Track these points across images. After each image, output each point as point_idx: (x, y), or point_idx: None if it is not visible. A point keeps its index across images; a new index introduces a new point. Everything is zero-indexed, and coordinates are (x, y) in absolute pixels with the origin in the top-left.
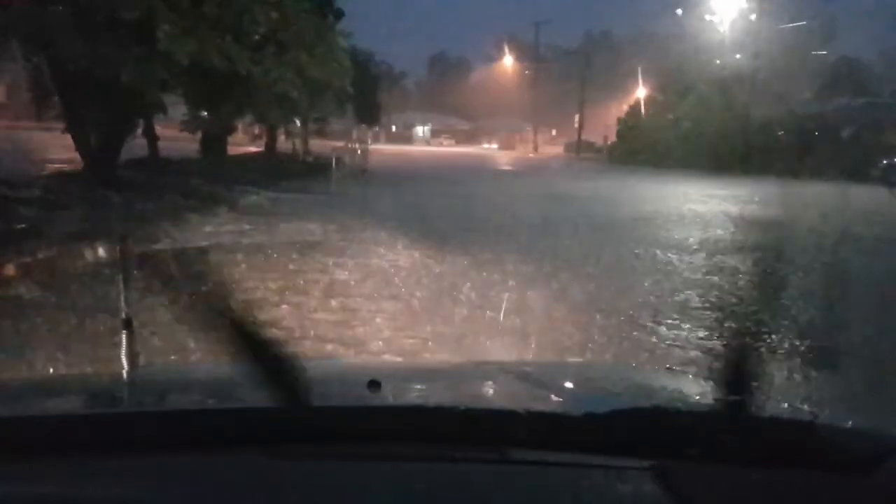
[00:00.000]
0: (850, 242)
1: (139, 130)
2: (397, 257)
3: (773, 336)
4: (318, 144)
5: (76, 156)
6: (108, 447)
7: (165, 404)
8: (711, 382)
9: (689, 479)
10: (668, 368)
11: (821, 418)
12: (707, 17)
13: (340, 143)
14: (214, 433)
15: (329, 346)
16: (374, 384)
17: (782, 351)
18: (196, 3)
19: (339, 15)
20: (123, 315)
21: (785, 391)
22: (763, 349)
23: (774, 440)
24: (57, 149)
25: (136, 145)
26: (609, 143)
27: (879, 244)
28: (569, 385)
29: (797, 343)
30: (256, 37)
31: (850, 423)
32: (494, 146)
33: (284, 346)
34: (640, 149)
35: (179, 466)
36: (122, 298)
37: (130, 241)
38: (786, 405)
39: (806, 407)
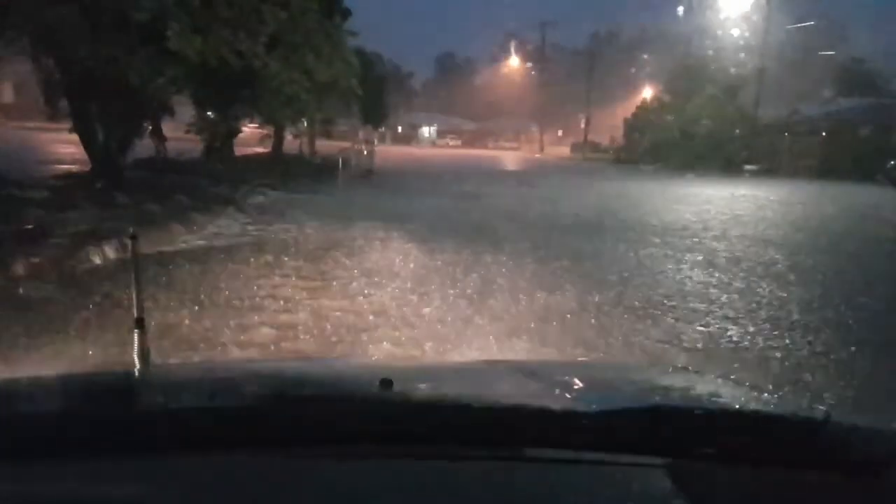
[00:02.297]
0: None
1: (147, 131)
2: (405, 256)
3: None
4: (324, 145)
5: (84, 156)
6: (109, 448)
7: (168, 404)
8: (724, 381)
9: (701, 477)
10: (681, 367)
11: (833, 417)
12: (714, 18)
13: (347, 144)
14: (219, 433)
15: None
16: (386, 383)
17: None
18: (205, 3)
19: (347, 14)
20: (135, 314)
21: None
22: None
23: (786, 439)
24: (65, 149)
25: (142, 145)
26: (615, 143)
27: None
28: (581, 383)
29: None
30: (264, 37)
31: (863, 421)
32: (500, 146)
33: None
34: (647, 149)
35: (182, 467)
36: (134, 298)
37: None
38: (795, 403)
39: (819, 405)
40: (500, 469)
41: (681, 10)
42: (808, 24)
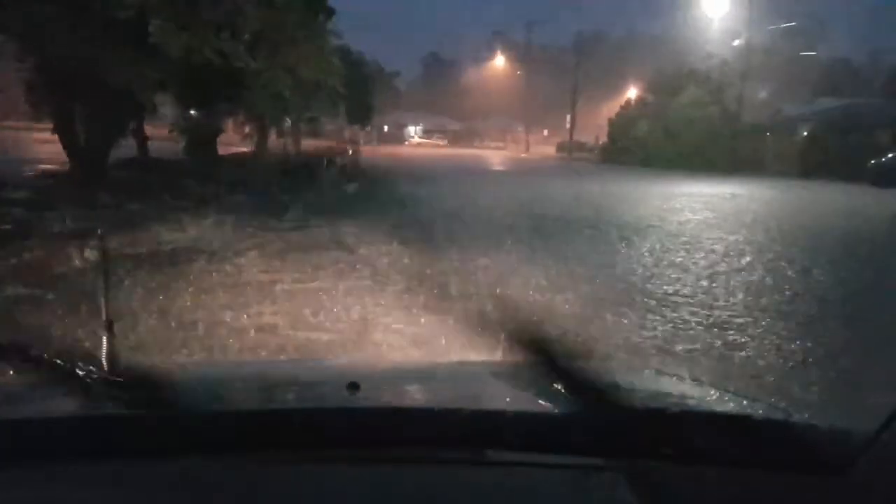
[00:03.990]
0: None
1: (129, 130)
2: (386, 250)
3: None
4: (309, 145)
5: (67, 156)
6: (87, 452)
7: (134, 409)
8: (685, 381)
9: (662, 478)
10: (648, 369)
11: (793, 418)
12: (699, 18)
13: (332, 143)
14: (183, 438)
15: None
16: (354, 386)
17: None
18: (189, 2)
19: (331, 13)
20: (104, 316)
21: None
22: None
23: (748, 440)
24: (48, 149)
25: (125, 145)
26: (600, 143)
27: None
28: (549, 385)
29: None
30: (248, 36)
31: (823, 421)
32: (486, 146)
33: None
34: (632, 149)
35: (159, 472)
36: (102, 300)
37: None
38: (759, 404)
39: (779, 405)
40: (461, 472)
41: (667, 10)
42: (791, 24)
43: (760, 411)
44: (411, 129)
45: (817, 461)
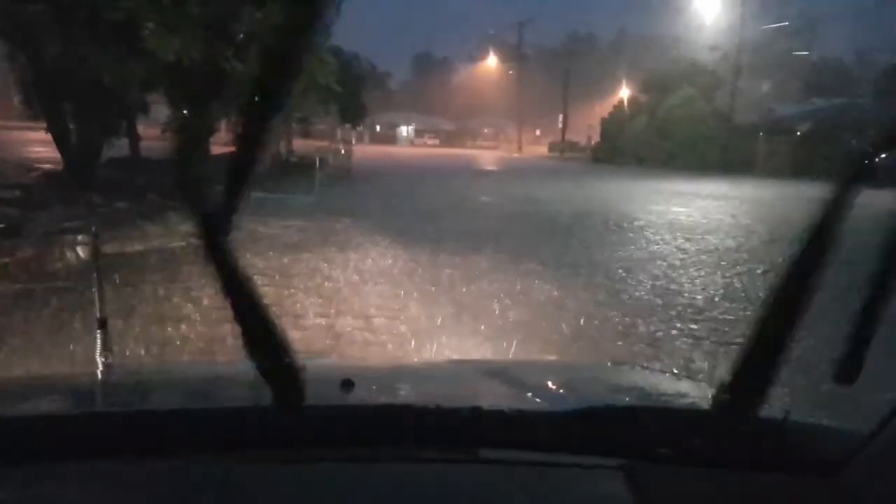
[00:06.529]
0: None
1: (121, 130)
2: (376, 256)
3: None
4: (301, 144)
5: (59, 156)
6: (75, 450)
7: (136, 407)
8: (682, 380)
9: (658, 479)
10: (644, 367)
11: (789, 417)
12: (691, 18)
13: (324, 143)
14: (182, 437)
15: None
16: (348, 384)
17: None
18: (179, 2)
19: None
20: (98, 314)
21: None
22: None
23: (744, 440)
24: (42, 149)
25: (118, 145)
26: (593, 142)
27: None
28: (543, 383)
29: None
30: (240, 36)
31: (819, 421)
32: (479, 146)
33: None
34: (624, 149)
35: (149, 471)
36: (97, 298)
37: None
38: (757, 402)
39: (776, 405)
40: (456, 471)
41: (659, 11)
42: (783, 24)
43: (756, 410)
44: (403, 129)
45: (812, 461)
